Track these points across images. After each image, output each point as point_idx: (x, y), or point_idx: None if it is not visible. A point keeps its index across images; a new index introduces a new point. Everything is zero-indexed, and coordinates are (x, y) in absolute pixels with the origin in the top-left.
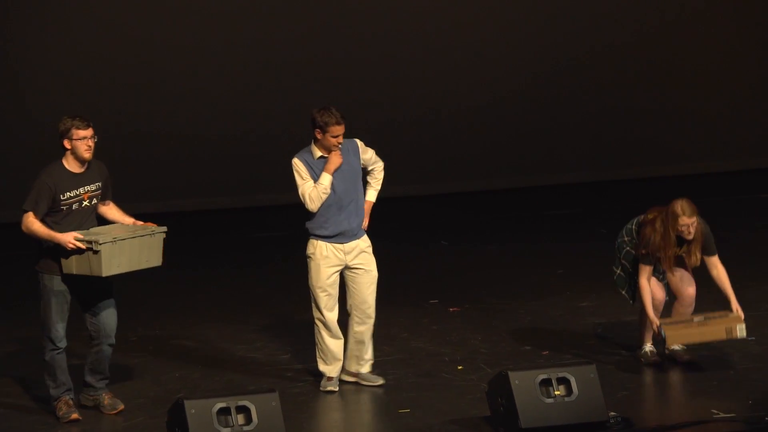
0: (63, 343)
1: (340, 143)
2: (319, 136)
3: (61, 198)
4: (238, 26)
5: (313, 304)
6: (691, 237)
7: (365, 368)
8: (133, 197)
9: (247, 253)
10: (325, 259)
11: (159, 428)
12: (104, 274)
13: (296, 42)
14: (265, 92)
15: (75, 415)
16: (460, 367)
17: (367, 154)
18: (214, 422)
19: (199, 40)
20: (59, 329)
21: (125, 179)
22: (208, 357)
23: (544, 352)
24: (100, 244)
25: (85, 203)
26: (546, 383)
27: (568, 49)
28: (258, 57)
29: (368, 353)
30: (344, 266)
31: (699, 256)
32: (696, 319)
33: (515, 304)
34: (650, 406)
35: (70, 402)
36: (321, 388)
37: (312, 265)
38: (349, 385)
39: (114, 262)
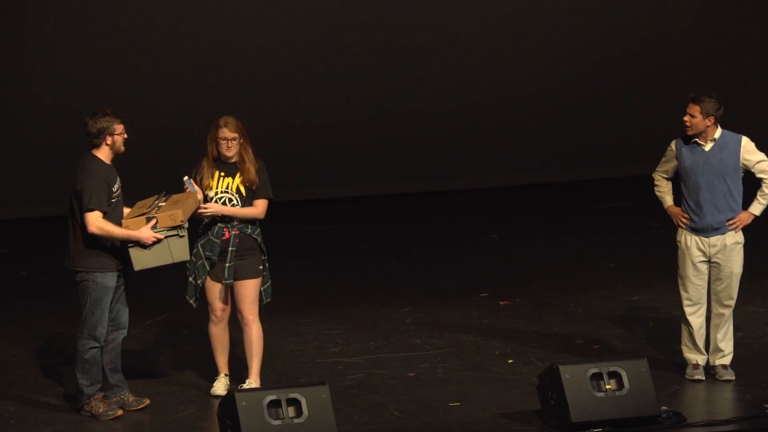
0: (103, 341)
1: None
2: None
3: (112, 191)
4: (261, 22)
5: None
6: (229, 153)
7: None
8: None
9: (299, 246)
10: (688, 249)
11: (210, 420)
12: (189, 258)
13: (322, 37)
14: (305, 84)
15: (120, 411)
16: (510, 361)
17: (753, 156)
18: (265, 414)
19: (220, 35)
20: (104, 327)
21: (156, 173)
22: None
23: (595, 346)
24: (186, 228)
25: (120, 194)
26: (597, 377)
27: (614, 39)
28: (291, 49)
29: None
30: (708, 259)
31: (252, 177)
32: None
33: (566, 297)
34: (702, 401)
35: (105, 400)
36: (687, 377)
37: (678, 253)
38: (401, 380)
39: (189, 244)
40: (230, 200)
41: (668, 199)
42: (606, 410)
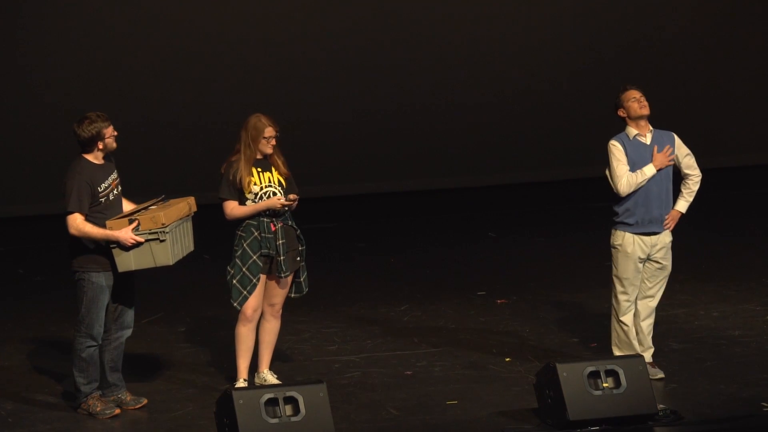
0: (101, 339)
1: (643, 113)
2: (622, 114)
3: (99, 191)
4: (265, 21)
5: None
6: (272, 150)
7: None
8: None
9: None
10: (629, 251)
11: (208, 418)
12: (172, 263)
13: (319, 36)
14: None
15: (118, 410)
16: (507, 359)
17: (683, 150)
18: (262, 413)
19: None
20: (101, 326)
21: (168, 172)
22: (256, 348)
23: (593, 344)
24: (167, 233)
25: (115, 191)
26: (594, 375)
27: (613, 38)
28: (288, 48)
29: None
30: (647, 258)
31: (286, 169)
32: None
33: (563, 296)
34: (699, 399)
35: (103, 398)
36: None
37: (618, 255)
38: (396, 378)
39: (176, 249)
40: (274, 193)
41: (645, 168)
42: (603, 408)
